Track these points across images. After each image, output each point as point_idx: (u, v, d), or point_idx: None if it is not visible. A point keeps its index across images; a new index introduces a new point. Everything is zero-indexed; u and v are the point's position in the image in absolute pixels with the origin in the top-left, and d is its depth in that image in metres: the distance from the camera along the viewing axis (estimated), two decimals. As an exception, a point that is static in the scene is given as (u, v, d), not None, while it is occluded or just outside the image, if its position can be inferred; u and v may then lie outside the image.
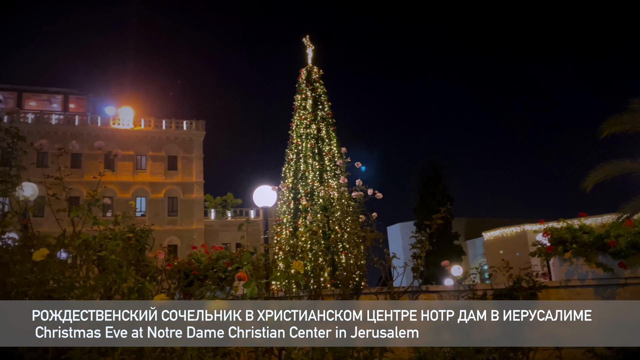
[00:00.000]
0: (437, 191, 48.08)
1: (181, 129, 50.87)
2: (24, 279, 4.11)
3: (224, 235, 47.93)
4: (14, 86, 49.29)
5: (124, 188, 46.27)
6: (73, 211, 4.53)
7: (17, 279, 4.14)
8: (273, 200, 10.17)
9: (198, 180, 49.92)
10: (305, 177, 19.03)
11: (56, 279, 4.00)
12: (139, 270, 5.76)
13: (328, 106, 20.47)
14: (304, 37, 21.64)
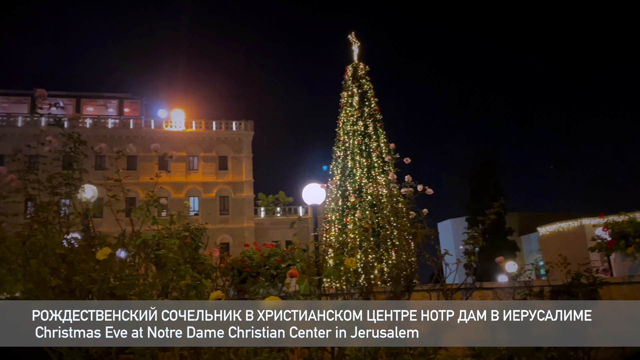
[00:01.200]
0: (489, 185, 46.93)
1: (230, 129, 51.92)
2: (88, 277, 4.32)
3: (274, 233, 48.57)
4: (72, 93, 51.67)
5: (177, 188, 47.69)
6: (134, 212, 4.72)
7: (82, 277, 4.35)
8: (322, 198, 10.21)
9: (248, 179, 50.82)
10: (352, 174, 19.00)
11: (118, 276, 4.18)
12: (194, 267, 5.93)
13: (375, 102, 20.34)
14: (349, 34, 21.59)
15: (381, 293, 6.86)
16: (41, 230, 4.86)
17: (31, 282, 4.58)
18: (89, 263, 4.53)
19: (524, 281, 7.85)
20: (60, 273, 4.56)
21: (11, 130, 46.82)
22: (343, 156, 19.60)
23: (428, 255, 6.33)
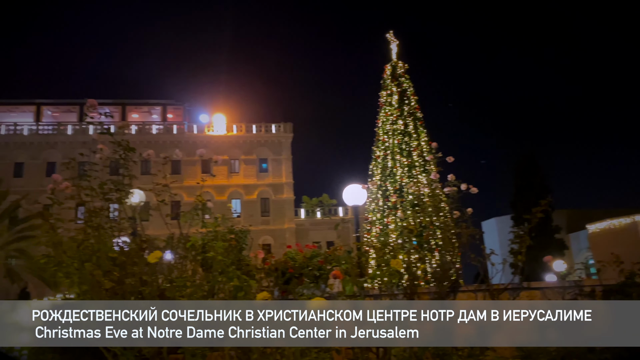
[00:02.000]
0: (534, 182, 45.60)
1: (270, 132, 52.53)
2: (139, 280, 4.48)
3: (315, 234, 48.76)
4: (118, 100, 53.43)
5: (220, 191, 48.56)
6: (183, 216, 4.86)
7: (133, 280, 4.52)
8: (363, 199, 10.20)
9: (287, 181, 51.28)
10: (393, 174, 18.86)
11: (168, 279, 4.32)
12: (239, 269, 6.05)
13: (415, 100, 20.13)
14: (387, 33, 21.46)
15: (425, 294, 6.80)
16: (94, 235, 5.07)
17: (86, 284, 4.79)
18: (140, 266, 4.70)
19: (573, 280, 7.61)
20: (113, 276, 4.74)
21: (61, 139, 48.83)
22: (383, 156, 19.48)
23: (473, 255, 6.23)
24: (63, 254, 5.03)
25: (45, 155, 48.46)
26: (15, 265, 27.53)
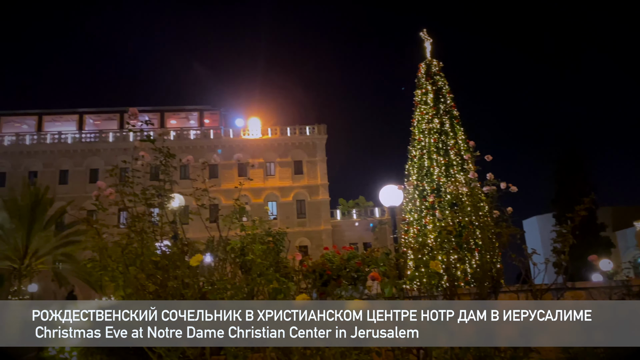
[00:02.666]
0: (577, 179, 44.23)
1: (304, 134, 52.81)
2: (182, 282, 4.59)
3: (351, 235, 48.71)
4: (157, 107, 54.79)
5: (256, 194, 49.12)
6: (223, 219, 4.95)
7: (176, 282, 4.63)
8: (400, 199, 10.13)
9: (323, 182, 51.40)
10: (430, 174, 18.63)
11: (209, 281, 4.40)
12: (277, 271, 6.11)
13: (450, 98, 19.85)
14: (421, 31, 21.25)
15: (466, 295, 6.71)
16: (137, 239, 5.22)
17: (130, 287, 4.94)
18: (182, 269, 4.81)
19: (621, 280, 7.35)
20: (156, 279, 4.87)
21: (103, 146, 50.41)
22: (419, 155, 19.26)
23: (514, 255, 6.10)
24: (108, 258, 5.21)
25: (88, 162, 50.12)
26: (62, 269, 28.58)
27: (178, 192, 8.70)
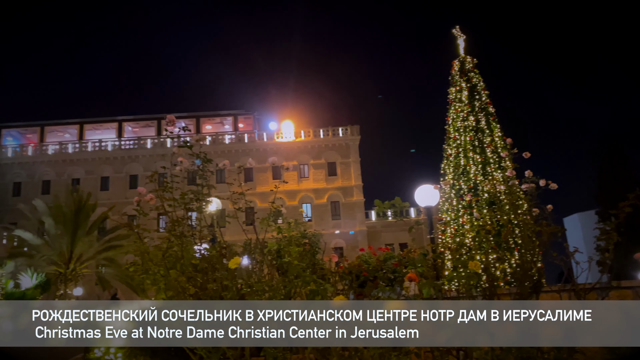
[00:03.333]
0: (620, 175, 42.73)
1: (337, 135, 52.86)
2: (221, 285, 4.67)
3: (387, 236, 48.43)
4: (193, 114, 55.85)
5: (291, 196, 49.42)
6: (260, 222, 5.02)
7: (215, 285, 4.72)
8: (436, 199, 10.02)
9: (357, 183, 51.31)
10: (466, 172, 18.35)
11: (247, 283, 4.47)
12: (314, 272, 6.14)
13: (485, 95, 19.50)
14: (454, 28, 20.98)
15: (506, 295, 6.58)
16: (177, 243, 5.35)
17: (171, 290, 5.06)
18: (220, 271, 4.90)
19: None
20: (196, 281, 4.98)
21: (142, 152, 51.75)
22: (455, 154, 18.98)
23: (555, 254, 5.95)
24: (149, 262, 5.35)
25: (128, 168, 51.52)
26: (105, 273, 29.44)
27: (215, 196, 8.87)
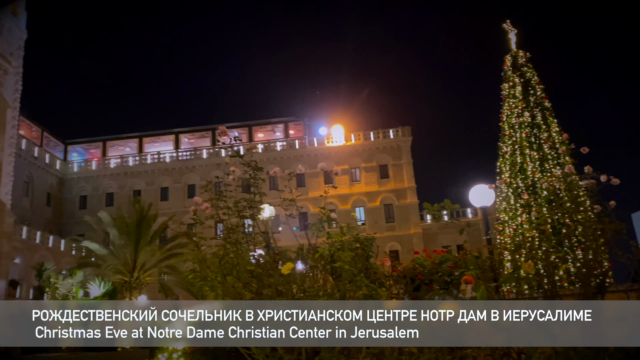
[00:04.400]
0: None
1: (388, 137, 52.48)
2: (276, 290, 4.76)
3: (443, 238, 47.55)
4: (245, 123, 57.12)
5: (343, 200, 49.48)
6: (310, 228, 5.09)
7: (270, 290, 4.81)
8: (491, 199, 9.75)
9: (410, 185, 50.71)
10: (523, 170, 17.78)
11: (301, 288, 4.53)
12: (367, 277, 6.14)
13: (540, 90, 18.85)
14: (504, 23, 20.43)
15: (569, 295, 6.33)
16: (233, 250, 5.50)
17: (229, 296, 5.20)
18: (275, 277, 4.99)
19: None
20: (252, 287, 5.10)
21: (198, 162, 53.35)
22: (511, 151, 18.45)
23: (621, 252, 5.67)
24: (207, 269, 5.52)
25: (185, 178, 53.24)
26: (167, 281, 30.47)
27: (267, 202, 9.03)
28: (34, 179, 49.00)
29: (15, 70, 33.93)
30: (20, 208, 43.72)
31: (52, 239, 41.51)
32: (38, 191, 49.58)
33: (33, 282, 34.19)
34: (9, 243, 30.51)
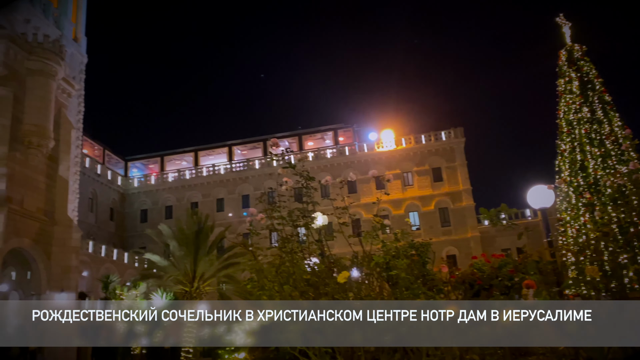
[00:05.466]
0: None
1: (440, 140, 51.56)
2: (332, 298, 4.79)
3: (502, 241, 46.13)
4: (295, 132, 57.85)
5: (396, 205, 48.99)
6: (364, 237, 5.10)
7: (327, 299, 4.85)
8: (551, 200, 9.38)
9: (465, 187, 49.57)
10: (584, 168, 17.04)
11: (358, 296, 4.54)
12: (424, 283, 6.05)
13: (599, 83, 18.05)
14: (557, 17, 19.74)
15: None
16: (288, 259, 5.58)
17: (287, 305, 5.27)
18: (331, 285, 5.02)
19: None
20: (309, 296, 5.15)
21: (251, 173, 54.38)
22: (570, 149, 17.74)
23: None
24: (264, 278, 5.63)
25: (240, 189, 54.36)
26: (225, 290, 31.09)
27: (320, 210, 9.08)
28: (98, 195, 51.45)
29: (77, 93, 35.81)
30: (86, 224, 45.99)
31: (116, 252, 43.35)
32: (102, 207, 52.00)
33: (100, 294, 35.80)
34: (77, 257, 32.09)
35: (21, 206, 27.13)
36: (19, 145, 27.36)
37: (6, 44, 27.27)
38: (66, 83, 31.87)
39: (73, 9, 38.36)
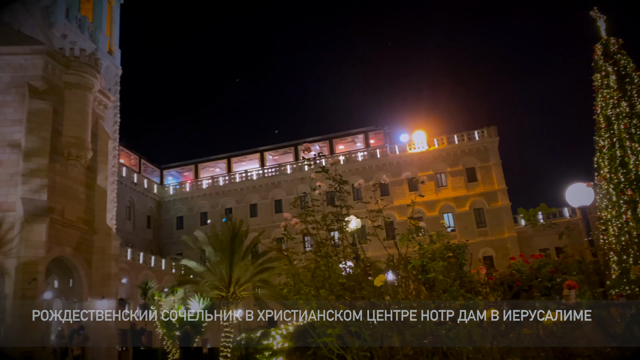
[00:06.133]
0: None
1: (473, 139, 50.79)
2: (369, 302, 4.78)
3: (540, 241, 45.08)
4: (325, 136, 57.97)
5: (430, 207, 48.45)
6: (400, 240, 5.07)
7: (363, 303, 4.84)
8: (590, 198, 9.12)
9: (500, 187, 48.65)
10: (624, 164, 16.52)
11: (395, 300, 4.52)
12: (462, 286, 5.97)
13: (638, 77, 17.49)
14: (591, 10, 19.23)
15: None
16: (323, 263, 5.59)
17: (323, 309, 5.29)
18: (367, 289, 5.02)
19: None
20: (345, 300, 5.16)
21: (283, 178, 54.77)
22: (609, 145, 17.24)
23: None
24: (300, 283, 5.66)
25: (272, 194, 54.80)
26: (261, 295, 31.34)
27: (353, 213, 9.08)
28: (135, 203, 52.72)
29: (113, 104, 36.85)
30: (124, 231, 47.15)
31: (153, 259, 44.28)
32: (139, 214, 53.25)
33: (139, 300, 36.62)
34: (116, 265, 32.91)
35: (62, 216, 28.00)
36: (58, 156, 28.26)
37: (45, 60, 28.26)
38: (102, 95, 32.80)
39: (107, 22, 39.56)
